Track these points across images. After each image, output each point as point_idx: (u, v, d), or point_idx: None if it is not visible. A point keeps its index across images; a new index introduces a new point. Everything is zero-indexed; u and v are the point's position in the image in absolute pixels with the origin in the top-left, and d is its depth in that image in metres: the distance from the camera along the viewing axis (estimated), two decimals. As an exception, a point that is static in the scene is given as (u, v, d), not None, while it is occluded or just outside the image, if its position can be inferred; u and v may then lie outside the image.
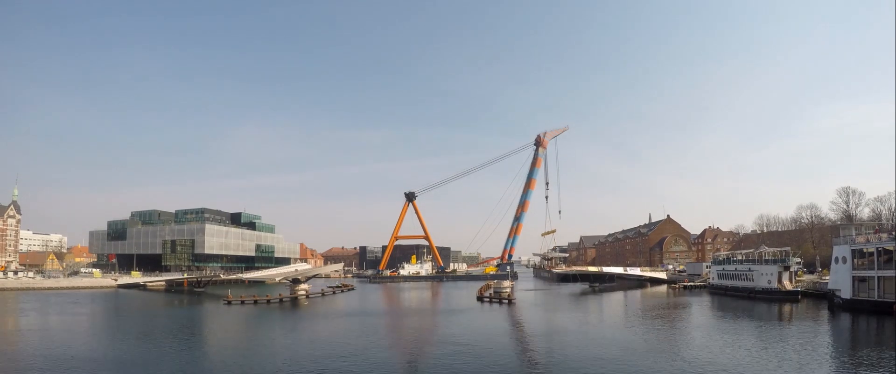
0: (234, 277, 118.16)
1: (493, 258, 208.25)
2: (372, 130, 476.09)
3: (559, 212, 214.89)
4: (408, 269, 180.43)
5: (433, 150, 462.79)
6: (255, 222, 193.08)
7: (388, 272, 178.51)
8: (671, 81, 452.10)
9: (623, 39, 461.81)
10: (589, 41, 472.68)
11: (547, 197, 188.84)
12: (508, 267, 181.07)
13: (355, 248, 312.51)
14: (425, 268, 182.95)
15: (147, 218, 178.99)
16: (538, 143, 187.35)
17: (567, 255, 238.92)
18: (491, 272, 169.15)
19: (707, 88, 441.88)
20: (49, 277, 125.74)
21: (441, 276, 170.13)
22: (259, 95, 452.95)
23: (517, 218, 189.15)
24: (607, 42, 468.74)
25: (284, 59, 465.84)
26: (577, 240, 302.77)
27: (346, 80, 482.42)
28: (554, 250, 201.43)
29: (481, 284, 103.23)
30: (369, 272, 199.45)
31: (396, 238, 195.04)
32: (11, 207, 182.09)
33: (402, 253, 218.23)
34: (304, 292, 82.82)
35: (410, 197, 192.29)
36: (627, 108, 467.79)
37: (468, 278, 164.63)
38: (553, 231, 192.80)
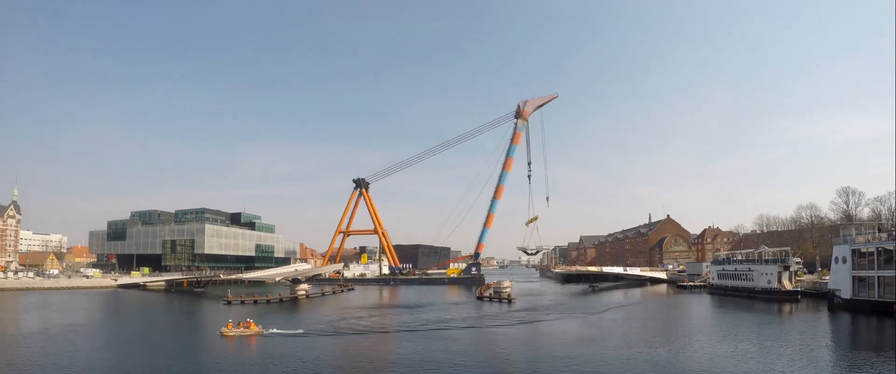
0: (233, 277, 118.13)
1: (491, 258, 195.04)
2: (372, 152, 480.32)
3: (547, 199, 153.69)
4: (353, 269, 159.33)
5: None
6: (254, 222, 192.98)
7: (327, 273, 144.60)
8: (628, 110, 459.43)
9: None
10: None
11: (529, 176, 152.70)
12: (473, 269, 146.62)
13: (355, 248, 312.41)
14: (373, 269, 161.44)
15: (147, 218, 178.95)
16: (518, 113, 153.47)
17: (540, 253, 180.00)
18: (453, 274, 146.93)
19: (663, 116, 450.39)
20: (49, 277, 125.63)
21: (391, 278, 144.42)
22: (265, 123, 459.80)
23: (489, 207, 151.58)
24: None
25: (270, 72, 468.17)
26: (577, 240, 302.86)
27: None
28: (534, 251, 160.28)
29: (438, 288, 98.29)
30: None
31: (346, 233, 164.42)
32: (11, 207, 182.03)
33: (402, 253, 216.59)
34: (303, 292, 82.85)
35: (360, 184, 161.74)
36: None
37: (424, 281, 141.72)
38: (535, 219, 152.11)
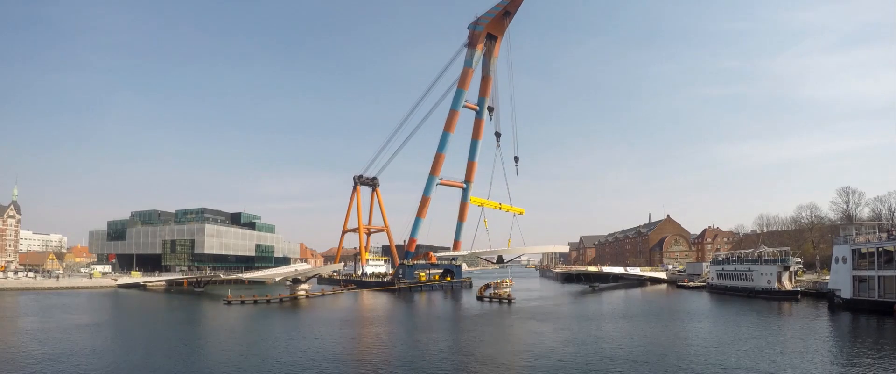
0: (233, 277, 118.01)
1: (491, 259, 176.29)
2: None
3: (516, 159, 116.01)
4: (371, 266, 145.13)
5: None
6: (254, 222, 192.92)
7: (325, 273, 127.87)
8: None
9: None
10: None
11: (498, 136, 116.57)
12: (401, 273, 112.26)
13: (355, 247, 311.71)
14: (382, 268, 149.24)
15: (147, 218, 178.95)
16: (470, 41, 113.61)
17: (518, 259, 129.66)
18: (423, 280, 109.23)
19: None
20: (49, 277, 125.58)
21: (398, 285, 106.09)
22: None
23: (427, 186, 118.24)
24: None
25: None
26: (577, 240, 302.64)
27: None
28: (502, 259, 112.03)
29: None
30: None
31: (369, 231, 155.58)
32: (11, 207, 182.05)
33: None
34: (304, 292, 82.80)
35: (366, 183, 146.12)
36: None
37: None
38: (521, 212, 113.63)
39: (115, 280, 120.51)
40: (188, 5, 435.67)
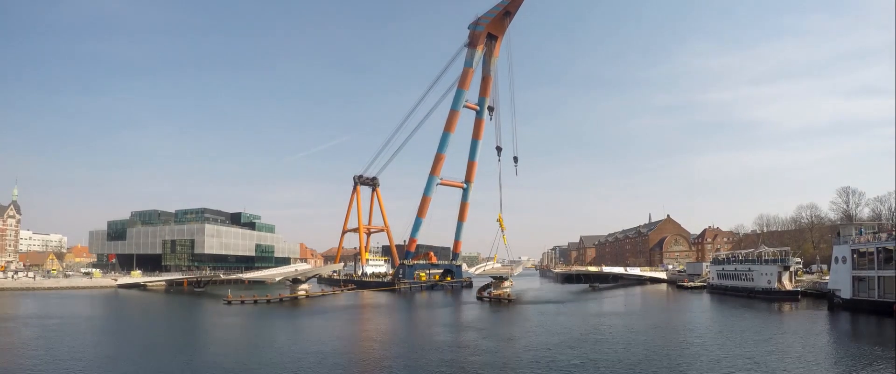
0: (233, 277, 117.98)
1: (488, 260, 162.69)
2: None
3: (515, 159, 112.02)
4: (371, 266, 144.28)
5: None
6: (254, 222, 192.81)
7: (326, 273, 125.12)
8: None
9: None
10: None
11: (499, 150, 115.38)
12: (401, 273, 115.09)
13: (355, 248, 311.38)
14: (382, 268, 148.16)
15: (147, 218, 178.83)
16: (471, 41, 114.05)
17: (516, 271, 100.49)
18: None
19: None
20: (48, 277, 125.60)
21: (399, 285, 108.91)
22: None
23: (427, 186, 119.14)
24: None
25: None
26: (577, 240, 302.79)
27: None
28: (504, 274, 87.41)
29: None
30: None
31: (369, 231, 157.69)
32: (11, 207, 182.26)
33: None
34: (304, 292, 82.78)
35: (366, 183, 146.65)
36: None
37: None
38: (502, 228, 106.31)
39: (115, 280, 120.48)
40: (187, 10, 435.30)
